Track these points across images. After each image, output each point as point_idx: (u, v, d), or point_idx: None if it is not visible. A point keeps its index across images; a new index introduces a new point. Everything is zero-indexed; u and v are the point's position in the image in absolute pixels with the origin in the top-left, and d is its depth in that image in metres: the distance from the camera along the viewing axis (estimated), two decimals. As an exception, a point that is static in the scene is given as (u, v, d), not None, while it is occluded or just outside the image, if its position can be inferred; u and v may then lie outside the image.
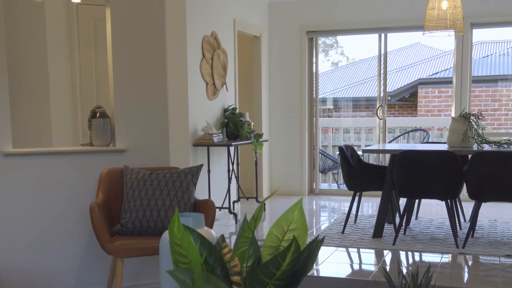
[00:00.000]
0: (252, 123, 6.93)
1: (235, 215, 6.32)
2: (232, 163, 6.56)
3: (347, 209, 6.86)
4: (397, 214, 5.83)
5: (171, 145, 5.25)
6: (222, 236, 1.80)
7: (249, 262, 1.70)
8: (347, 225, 5.73)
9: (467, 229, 5.53)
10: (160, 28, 4.13)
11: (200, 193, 5.38)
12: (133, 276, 3.99)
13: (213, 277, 1.53)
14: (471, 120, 5.39)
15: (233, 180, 6.74)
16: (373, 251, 5.00)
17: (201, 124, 6.24)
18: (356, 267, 4.74)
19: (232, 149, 6.69)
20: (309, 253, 1.63)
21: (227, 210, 6.39)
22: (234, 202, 6.77)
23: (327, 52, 18.22)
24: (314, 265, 4.50)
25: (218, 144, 6.12)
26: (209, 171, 6.16)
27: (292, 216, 1.79)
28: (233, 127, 6.57)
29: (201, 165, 3.92)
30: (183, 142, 5.81)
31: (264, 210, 6.92)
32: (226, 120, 6.66)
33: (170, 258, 1.90)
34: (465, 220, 6.01)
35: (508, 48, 12.73)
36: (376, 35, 7.89)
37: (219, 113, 6.73)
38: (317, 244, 1.65)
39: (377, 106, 7.94)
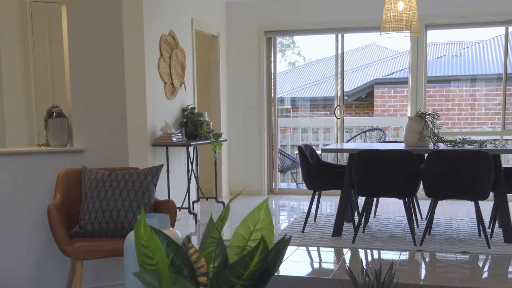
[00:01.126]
0: (211, 123, 6.90)
1: (195, 215, 6.28)
2: (191, 163, 6.51)
3: (306, 208, 6.91)
4: (356, 213, 5.89)
5: (129, 145, 5.18)
6: (188, 237, 1.78)
7: (216, 262, 1.69)
8: (307, 224, 5.76)
9: (424, 227, 5.64)
10: (117, 26, 4.07)
11: (159, 194, 5.33)
12: (92, 278, 3.91)
13: (180, 278, 1.50)
14: (427, 119, 5.49)
15: (193, 180, 6.70)
16: (333, 249, 5.04)
17: (159, 124, 6.17)
18: (316, 265, 4.76)
19: (191, 149, 6.65)
20: (277, 253, 1.62)
21: (186, 210, 6.35)
22: (193, 202, 6.73)
23: (284, 52, 18.32)
24: (275, 265, 4.49)
25: (177, 144, 6.07)
26: (168, 171, 6.10)
27: (258, 216, 1.78)
28: (192, 127, 6.52)
29: (161, 165, 3.88)
30: (142, 142, 5.72)
31: (224, 210, 6.89)
32: (185, 120, 6.60)
33: (135, 260, 1.86)
34: (422, 217, 6.12)
35: (460, 50, 13.04)
36: (333, 36, 7.95)
37: (178, 113, 6.67)
38: (284, 243, 1.65)
39: (335, 105, 8.01)
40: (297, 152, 9.52)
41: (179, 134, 6.19)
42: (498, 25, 7.53)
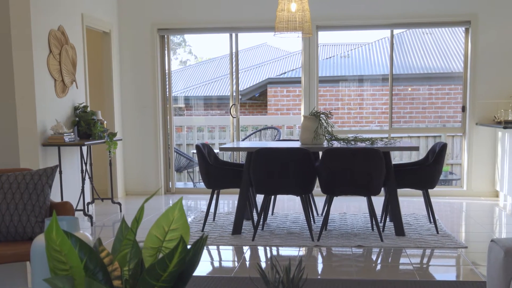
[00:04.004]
0: (105, 122, 6.69)
1: (91, 217, 6.06)
2: (85, 163, 6.29)
3: (204, 207, 6.89)
4: (254, 210, 5.95)
5: (20, 145, 4.92)
6: (99, 240, 1.71)
7: (131, 265, 1.63)
8: (206, 223, 5.73)
9: (320, 223, 5.80)
10: (4, 21, 3.84)
11: (51, 195, 5.09)
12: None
13: (95, 282, 1.43)
14: (321, 118, 5.63)
15: (87, 181, 6.47)
16: (233, 247, 5.06)
17: (50, 123, 5.91)
18: (216, 264, 4.75)
19: (84, 148, 6.43)
20: (195, 253, 1.59)
21: (81, 212, 6.12)
22: (88, 203, 6.50)
23: (175, 51, 18.19)
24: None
25: (70, 144, 5.84)
26: (60, 172, 5.85)
27: (172, 216, 1.74)
28: (85, 126, 6.30)
29: (57, 166, 3.71)
30: (32, 142, 5.47)
31: (120, 211, 6.73)
32: (77, 119, 6.36)
33: (44, 265, 1.76)
34: (318, 214, 6.29)
35: (348, 51, 13.56)
36: (227, 35, 7.98)
37: (70, 112, 6.42)
38: (202, 242, 1.62)
39: (230, 104, 8.05)
40: (194, 151, 9.50)
41: (72, 134, 5.96)
42: (384, 28, 7.91)
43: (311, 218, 5.88)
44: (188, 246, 1.60)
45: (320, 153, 5.55)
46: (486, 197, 7.49)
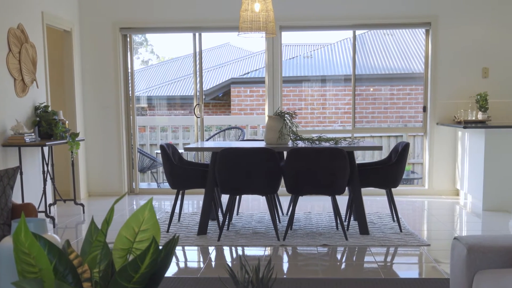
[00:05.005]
0: (67, 122, 6.58)
1: (53, 218, 5.95)
2: (47, 164, 6.17)
3: (168, 208, 6.84)
4: (220, 211, 5.93)
5: (-21, 146, 4.79)
6: (68, 241, 1.67)
7: (102, 266, 1.60)
8: (171, 224, 5.69)
9: (285, 222, 5.82)
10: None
11: (12, 197, 4.97)
12: None
13: (65, 285, 1.40)
14: (285, 118, 5.65)
15: (49, 182, 6.35)
16: (199, 248, 5.03)
17: (10, 123, 5.78)
18: (182, 265, 4.72)
19: (46, 149, 6.31)
20: (167, 253, 1.58)
21: (43, 213, 5.99)
22: (50, 205, 6.38)
23: (137, 50, 18.02)
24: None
25: (31, 144, 5.72)
26: (21, 173, 5.73)
27: (142, 216, 1.72)
28: (46, 126, 6.19)
29: (18, 167, 3.63)
30: (-8, 143, 5.33)
31: (83, 212, 6.62)
32: (38, 119, 6.24)
33: (11, 269, 1.71)
34: (283, 213, 6.31)
35: (311, 51, 13.65)
36: (190, 34, 7.94)
37: (30, 111, 6.29)
38: (174, 243, 1.60)
39: (194, 104, 8.01)
40: (158, 151, 9.42)
41: (33, 134, 5.84)
42: (346, 28, 7.98)
43: (277, 218, 5.89)
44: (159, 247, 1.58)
45: (285, 153, 5.56)
46: (447, 195, 7.63)
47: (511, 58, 7.22)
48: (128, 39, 7.93)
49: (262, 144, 5.65)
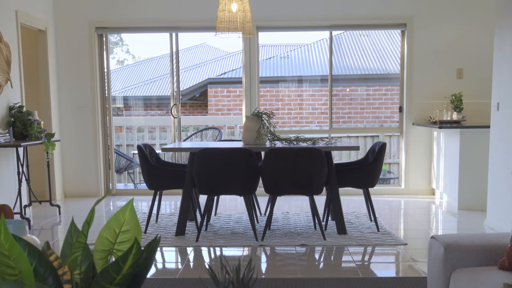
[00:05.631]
0: (42, 122, 6.51)
1: (28, 220, 5.87)
2: (22, 165, 6.09)
3: (145, 208, 6.80)
4: (198, 211, 5.92)
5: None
6: (47, 243, 1.65)
7: (83, 268, 1.59)
8: (149, 225, 5.66)
9: (263, 222, 5.83)
10: None
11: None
12: None
13: (45, 286, 1.39)
14: (263, 118, 5.65)
15: (24, 183, 6.26)
16: (177, 249, 5.01)
17: (-16, 124, 5.70)
18: (160, 266, 4.70)
19: (21, 150, 6.23)
20: (149, 254, 1.57)
21: (19, 215, 5.92)
22: (25, 206, 6.29)
23: (112, 50, 17.88)
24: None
25: (5, 145, 5.66)
26: (-5, 175, 5.65)
27: (123, 217, 1.71)
28: (21, 127, 6.11)
29: (-6, 168, 3.57)
30: (-35, 144, 5.25)
31: (59, 214, 6.55)
32: (12, 119, 6.16)
33: (-10, 272, 1.69)
34: (261, 213, 6.32)
35: (288, 52, 13.68)
36: (167, 34, 7.90)
37: (5, 112, 6.21)
38: (155, 244, 1.59)
39: (171, 104, 7.97)
40: (134, 151, 9.35)
41: (7, 134, 5.77)
42: (323, 29, 8.01)
43: (255, 218, 5.89)
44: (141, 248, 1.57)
45: (263, 153, 5.57)
46: (423, 195, 7.72)
47: (485, 59, 7.32)
48: (104, 39, 7.86)
49: (239, 145, 5.64)
